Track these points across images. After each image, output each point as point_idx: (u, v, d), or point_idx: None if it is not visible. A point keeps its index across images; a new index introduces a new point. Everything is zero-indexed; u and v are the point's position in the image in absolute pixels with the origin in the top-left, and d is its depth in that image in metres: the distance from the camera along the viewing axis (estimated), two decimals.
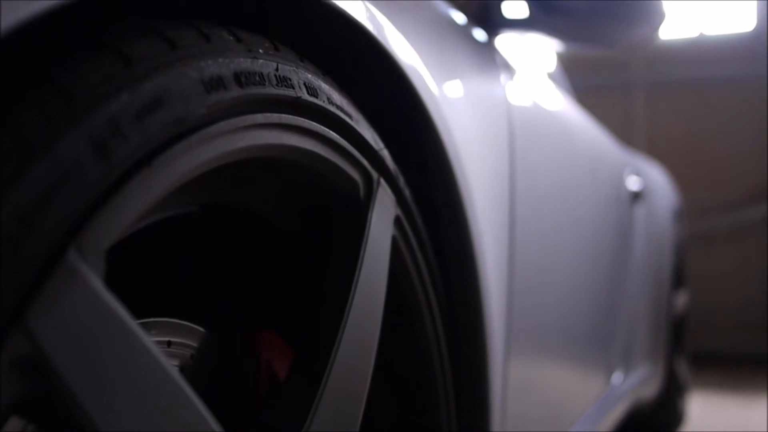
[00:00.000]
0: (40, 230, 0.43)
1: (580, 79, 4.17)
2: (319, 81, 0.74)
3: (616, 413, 2.40)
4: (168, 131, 0.53)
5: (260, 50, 0.66)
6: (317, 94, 0.73)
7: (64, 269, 0.44)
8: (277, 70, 0.67)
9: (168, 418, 0.53)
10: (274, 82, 0.66)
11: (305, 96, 0.71)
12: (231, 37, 0.63)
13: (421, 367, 0.94)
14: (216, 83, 0.58)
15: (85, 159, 0.46)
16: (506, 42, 1.47)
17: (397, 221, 0.87)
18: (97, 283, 0.46)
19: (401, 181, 0.88)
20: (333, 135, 0.75)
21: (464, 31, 1.23)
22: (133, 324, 0.50)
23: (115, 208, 0.48)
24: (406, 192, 0.90)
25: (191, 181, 0.62)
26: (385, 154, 0.85)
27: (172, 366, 0.54)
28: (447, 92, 0.98)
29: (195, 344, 0.75)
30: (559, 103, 1.76)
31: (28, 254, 0.43)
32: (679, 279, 3.66)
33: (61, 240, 0.45)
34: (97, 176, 0.47)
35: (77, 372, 0.45)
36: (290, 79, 0.69)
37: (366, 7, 0.80)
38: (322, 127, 0.73)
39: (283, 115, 0.67)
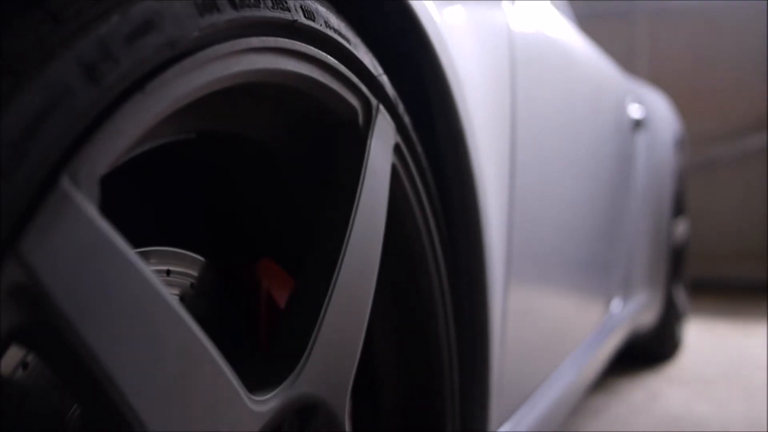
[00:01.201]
0: (31, 157, 0.42)
1: (583, 6, 4.10)
2: (316, 4, 0.72)
3: (614, 340, 2.43)
4: (160, 55, 0.52)
5: None
6: (314, 17, 0.71)
7: (57, 197, 0.43)
8: None
9: (167, 347, 0.52)
10: (270, 4, 0.64)
11: (302, 19, 0.69)
12: None
13: (421, 295, 0.95)
14: (209, 5, 0.57)
15: (75, 84, 0.45)
16: None
17: (397, 148, 0.86)
18: (92, 211, 0.46)
19: (401, 107, 0.87)
20: (330, 60, 0.73)
21: None
22: (130, 252, 0.49)
23: (108, 134, 0.47)
24: (406, 119, 0.88)
25: (186, 108, 0.61)
26: (384, 80, 0.83)
27: (171, 295, 0.53)
28: (447, 17, 0.96)
29: (195, 273, 0.74)
30: (562, 30, 1.73)
31: (20, 181, 0.42)
32: (679, 207, 3.67)
33: (53, 167, 0.44)
34: (88, 101, 0.46)
35: (74, 300, 0.44)
36: (286, 2, 0.67)
37: None
38: (320, 52, 0.72)
39: (279, 38, 0.66)
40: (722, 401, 2.88)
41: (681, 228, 3.76)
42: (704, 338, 4.04)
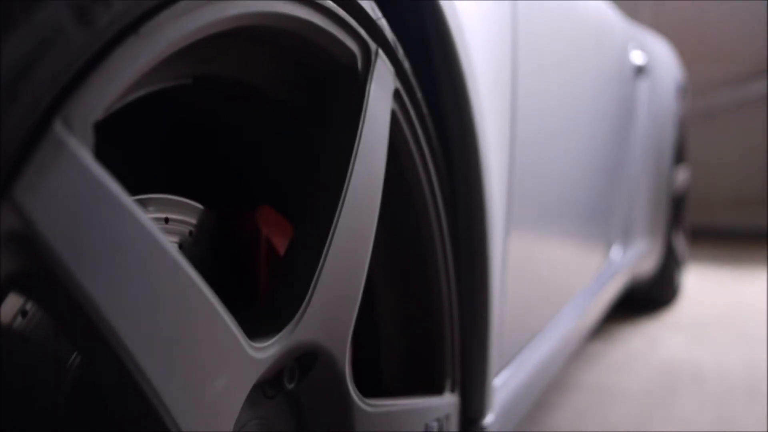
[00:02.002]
0: (22, 101, 0.41)
1: None
2: None
3: (614, 287, 2.44)
4: None
5: None
6: None
7: (51, 142, 0.42)
8: None
9: (166, 295, 0.52)
10: None
11: None
12: None
13: (421, 241, 0.94)
14: None
15: (67, 26, 0.44)
16: None
17: (397, 94, 0.85)
18: (87, 157, 0.45)
19: (400, 52, 0.86)
20: (328, 3, 0.72)
21: None
22: (127, 199, 0.49)
23: (102, 78, 0.46)
24: (406, 64, 0.87)
25: (182, 52, 0.60)
26: (384, 23, 0.82)
27: (169, 242, 0.53)
28: None
29: (193, 221, 0.74)
30: None
31: (12, 126, 0.41)
32: (680, 154, 3.65)
33: (45, 111, 0.43)
34: (80, 44, 0.44)
35: (70, 247, 0.44)
36: None
37: None
38: None
39: None
40: (720, 347, 2.90)
41: (681, 175, 3.75)
42: (703, 285, 4.06)
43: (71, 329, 0.50)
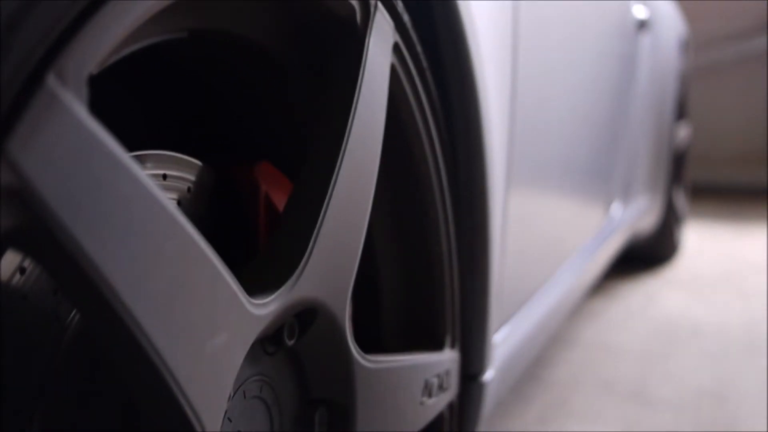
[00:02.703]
0: (14, 53, 0.41)
1: None
2: None
3: (614, 244, 2.44)
4: None
5: None
6: None
7: (44, 95, 0.42)
8: None
9: (164, 251, 0.52)
10: None
11: None
12: None
13: (421, 197, 0.94)
14: None
15: None
16: None
17: (396, 48, 0.84)
18: (82, 111, 0.44)
19: (400, 5, 0.84)
20: None
21: None
22: (124, 154, 0.48)
23: (95, 30, 0.45)
24: (405, 17, 0.86)
25: (177, 5, 0.59)
26: None
27: (167, 198, 0.52)
28: None
29: (191, 177, 0.73)
30: None
31: (4, 79, 0.40)
32: (681, 110, 3.63)
33: (38, 64, 0.42)
34: None
35: (66, 203, 0.43)
36: None
37: None
38: None
39: None
40: (719, 304, 2.91)
41: (682, 132, 3.73)
42: (703, 242, 4.06)
43: (69, 286, 0.50)
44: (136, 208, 0.49)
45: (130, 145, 0.55)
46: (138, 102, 0.86)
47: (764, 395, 2.01)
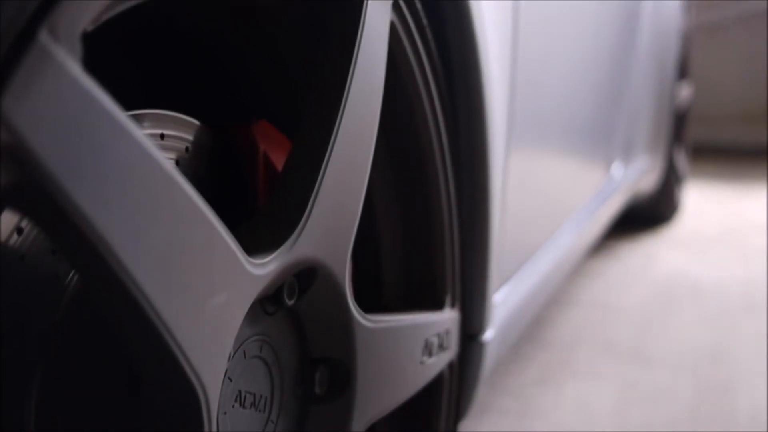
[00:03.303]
0: (5, 9, 0.40)
1: None
2: None
3: (614, 204, 2.43)
4: None
5: None
6: None
7: (36, 51, 0.41)
8: None
9: (162, 211, 0.51)
10: None
11: None
12: None
13: (421, 156, 0.93)
14: None
15: None
16: None
17: (396, 5, 0.82)
18: (75, 68, 0.43)
19: None
20: None
21: None
22: (120, 113, 0.47)
23: None
24: None
25: None
26: None
27: (165, 158, 0.52)
28: None
29: (190, 137, 0.72)
30: None
31: None
32: (683, 70, 3.60)
33: (29, 20, 0.41)
34: None
35: (61, 161, 0.43)
36: None
37: None
38: None
39: None
40: (719, 263, 2.92)
41: (684, 91, 3.71)
42: (704, 201, 4.06)
43: (66, 246, 0.49)
44: (133, 168, 0.49)
45: (128, 105, 0.55)
46: (134, 61, 0.85)
47: (763, 355, 2.02)
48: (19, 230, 0.58)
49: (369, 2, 0.75)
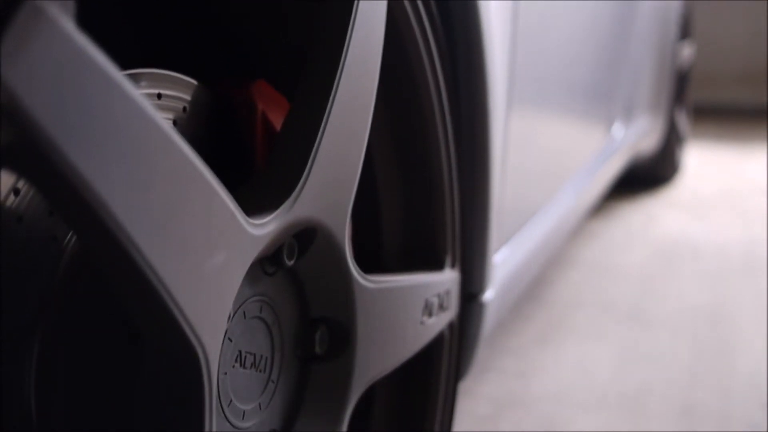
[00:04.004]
0: None
1: None
2: None
3: (615, 165, 2.43)
4: None
5: None
6: None
7: (28, 8, 0.40)
8: None
9: (160, 171, 0.51)
10: None
11: None
12: None
13: (421, 115, 0.92)
14: None
15: None
16: None
17: None
18: (68, 25, 0.42)
19: None
20: None
21: None
22: (116, 72, 0.46)
23: None
24: None
25: None
26: None
27: (161, 118, 0.51)
28: None
29: (187, 97, 0.72)
30: None
31: None
32: (685, 30, 3.57)
33: None
34: None
35: (55, 120, 0.42)
36: None
37: None
38: None
39: None
40: (719, 224, 2.92)
41: (686, 51, 3.68)
42: (704, 162, 4.05)
43: (62, 206, 0.49)
44: (130, 128, 0.48)
45: (124, 64, 0.54)
46: (130, 19, 0.84)
47: (763, 316, 2.03)
48: (16, 191, 0.58)
49: None
